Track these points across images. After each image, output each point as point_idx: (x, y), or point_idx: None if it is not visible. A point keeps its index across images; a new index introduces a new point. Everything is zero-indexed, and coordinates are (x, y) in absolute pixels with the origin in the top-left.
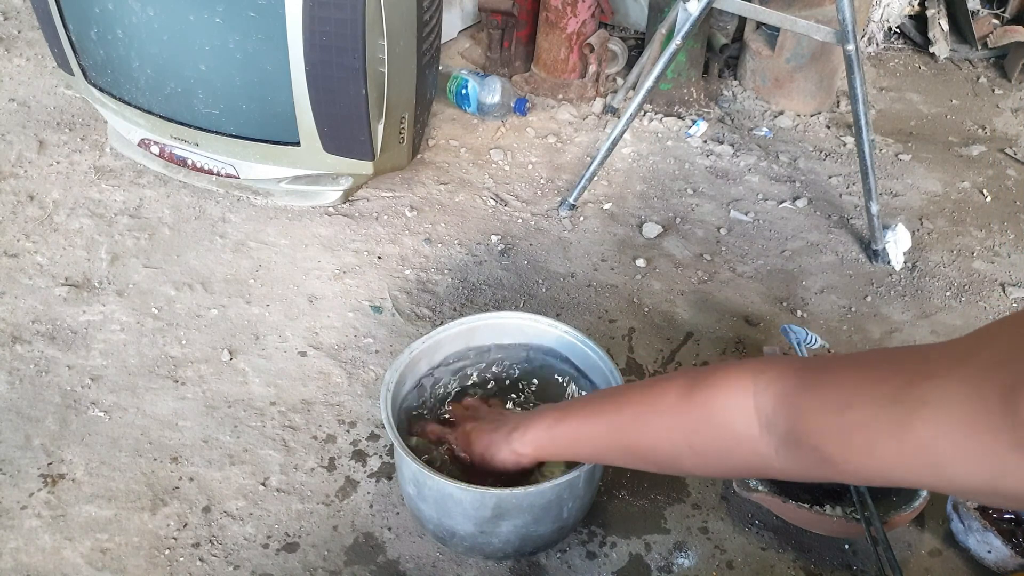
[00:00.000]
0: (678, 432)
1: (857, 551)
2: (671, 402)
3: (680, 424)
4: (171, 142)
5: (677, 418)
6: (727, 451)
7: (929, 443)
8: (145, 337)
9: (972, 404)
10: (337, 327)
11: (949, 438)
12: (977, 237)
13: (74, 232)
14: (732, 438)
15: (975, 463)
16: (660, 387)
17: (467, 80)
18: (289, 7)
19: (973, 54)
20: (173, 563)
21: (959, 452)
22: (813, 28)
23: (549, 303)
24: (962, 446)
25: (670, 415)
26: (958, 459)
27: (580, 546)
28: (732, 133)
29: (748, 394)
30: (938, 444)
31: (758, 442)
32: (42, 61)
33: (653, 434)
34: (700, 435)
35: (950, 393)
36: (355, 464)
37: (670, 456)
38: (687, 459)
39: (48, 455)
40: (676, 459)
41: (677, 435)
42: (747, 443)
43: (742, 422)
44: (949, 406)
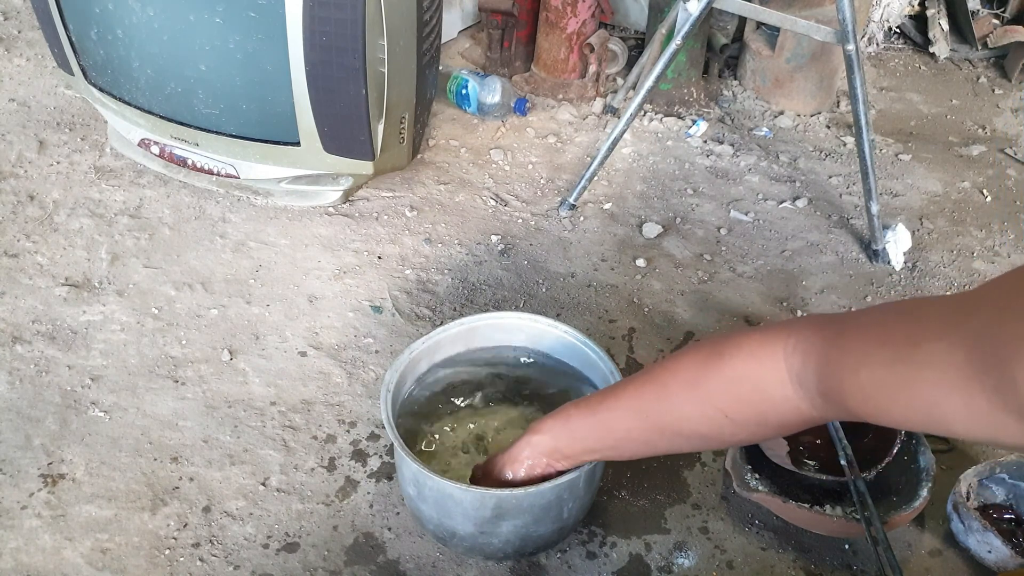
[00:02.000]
0: (710, 403)
1: (857, 551)
2: (694, 375)
3: (712, 395)
4: (171, 142)
5: (707, 389)
6: (765, 413)
7: (933, 403)
8: (145, 337)
9: (969, 368)
10: (337, 327)
11: (950, 400)
12: (977, 237)
13: (74, 232)
14: (769, 401)
15: (976, 422)
16: (678, 363)
17: (467, 80)
18: (289, 7)
19: (973, 54)
20: (173, 563)
21: (960, 412)
22: (813, 28)
23: (549, 303)
24: (963, 407)
25: (699, 388)
26: (960, 417)
27: (580, 546)
28: (732, 133)
29: (779, 357)
30: (941, 404)
31: (794, 400)
32: (42, 61)
33: (683, 409)
34: (737, 402)
35: (949, 356)
36: (355, 464)
37: (707, 428)
38: (726, 428)
39: (48, 455)
40: (714, 430)
41: (709, 407)
42: (784, 403)
43: (777, 384)
44: (948, 370)
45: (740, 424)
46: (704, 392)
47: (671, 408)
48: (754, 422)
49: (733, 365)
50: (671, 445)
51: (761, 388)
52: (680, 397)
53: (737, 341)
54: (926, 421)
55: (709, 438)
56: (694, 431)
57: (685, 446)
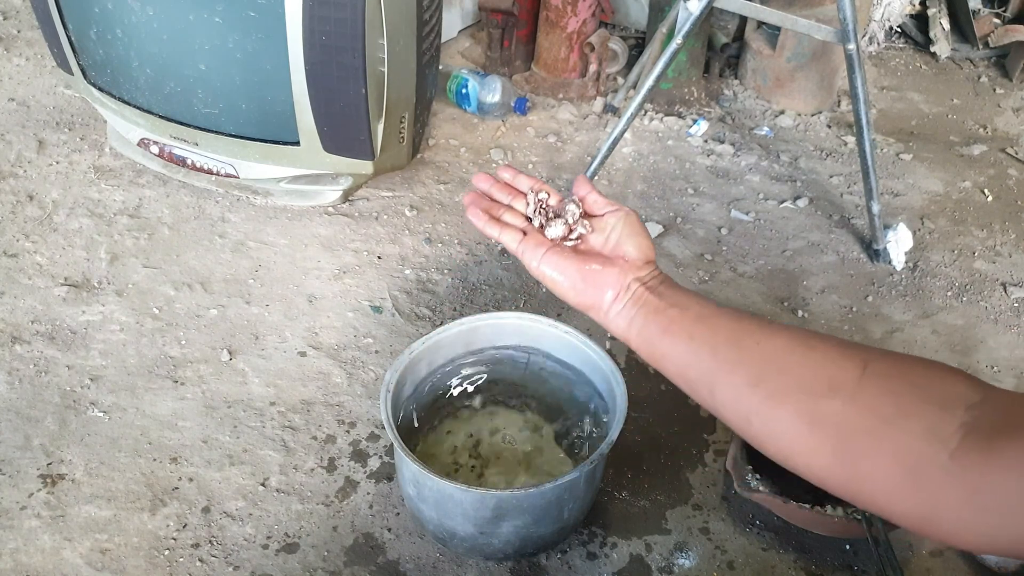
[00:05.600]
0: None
1: (858, 551)
2: (848, 383)
3: (845, 423)
4: (170, 142)
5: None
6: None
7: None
8: (144, 337)
9: None
10: (337, 327)
11: None
12: (978, 237)
13: (73, 232)
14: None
15: None
16: (830, 355)
17: (467, 79)
18: (289, 7)
19: (974, 53)
20: (173, 563)
21: None
22: (814, 27)
23: (549, 303)
24: None
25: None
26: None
27: (580, 547)
28: (733, 132)
29: (959, 411)
30: None
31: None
32: (41, 61)
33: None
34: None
35: None
36: (355, 464)
37: (801, 451)
38: (820, 455)
39: (47, 455)
40: (803, 456)
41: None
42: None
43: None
44: None
45: (848, 461)
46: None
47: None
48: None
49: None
50: (730, 415)
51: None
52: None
53: (923, 370)
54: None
55: (786, 454)
56: (782, 442)
57: (738, 424)
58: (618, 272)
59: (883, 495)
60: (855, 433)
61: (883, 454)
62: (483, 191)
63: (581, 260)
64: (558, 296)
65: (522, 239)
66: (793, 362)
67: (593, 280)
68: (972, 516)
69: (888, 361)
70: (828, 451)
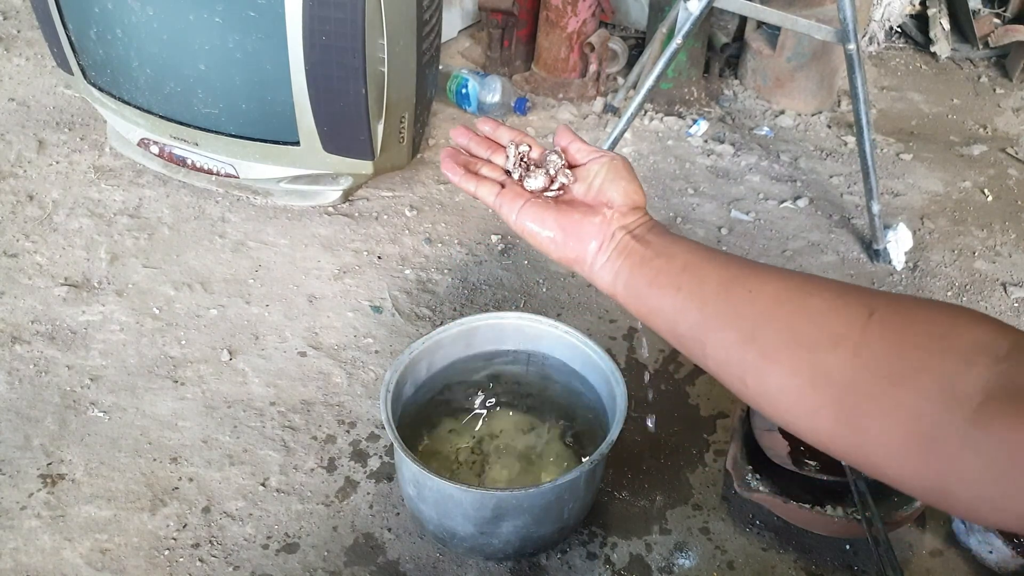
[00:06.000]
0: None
1: (858, 551)
2: (857, 324)
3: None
4: (171, 142)
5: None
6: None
7: None
8: (144, 337)
9: None
10: (337, 327)
11: None
12: (978, 237)
13: (73, 232)
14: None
15: None
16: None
17: (467, 79)
18: (289, 7)
19: (974, 53)
20: (173, 564)
21: None
22: (814, 27)
23: (549, 303)
24: None
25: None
26: None
27: (581, 547)
28: (733, 132)
29: (981, 365)
30: None
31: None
32: (41, 61)
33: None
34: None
35: None
36: (355, 464)
37: (796, 404)
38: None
39: (47, 455)
40: (800, 412)
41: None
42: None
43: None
44: None
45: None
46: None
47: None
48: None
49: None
50: (718, 370)
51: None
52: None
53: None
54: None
55: (781, 408)
56: (780, 397)
57: (730, 381)
58: (601, 220)
59: (892, 464)
60: (860, 393)
61: (891, 417)
62: (461, 146)
63: (562, 211)
64: (540, 251)
65: (500, 192)
66: (789, 313)
67: (575, 231)
68: (996, 490)
69: (898, 307)
70: (831, 413)
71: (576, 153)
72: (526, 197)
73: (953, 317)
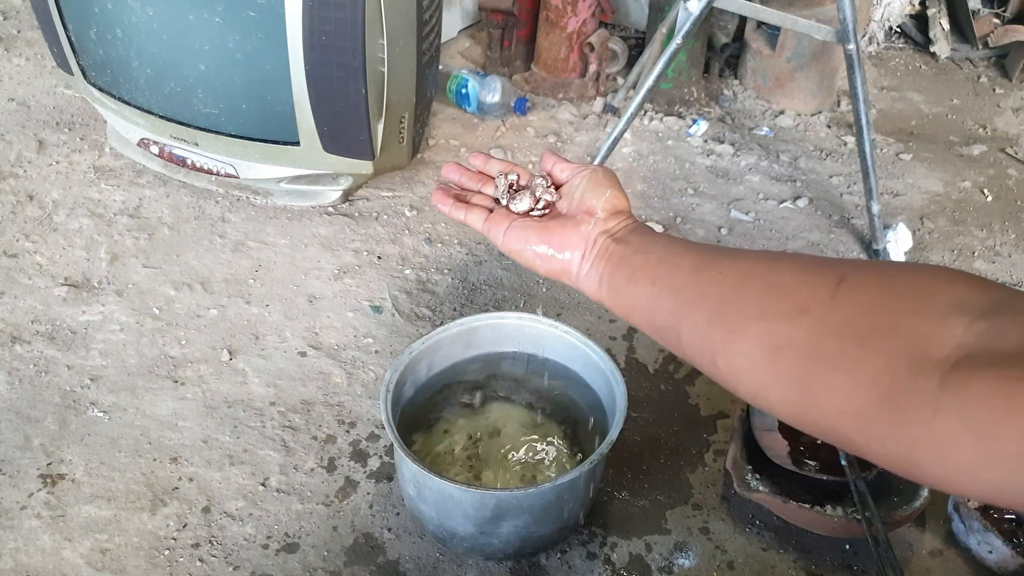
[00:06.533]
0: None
1: (858, 551)
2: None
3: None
4: (170, 142)
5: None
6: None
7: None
8: (144, 337)
9: None
10: (337, 327)
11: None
12: (978, 237)
13: (73, 232)
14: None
15: None
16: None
17: (467, 79)
18: (289, 7)
19: (974, 53)
20: (173, 563)
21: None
22: (814, 27)
23: (549, 303)
24: None
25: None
26: None
27: (581, 547)
28: (733, 132)
29: (957, 324)
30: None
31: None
32: (41, 61)
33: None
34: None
35: None
36: (355, 464)
37: (754, 374)
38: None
39: (48, 455)
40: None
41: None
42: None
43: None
44: None
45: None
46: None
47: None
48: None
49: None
50: (687, 352)
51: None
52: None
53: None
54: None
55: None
56: (738, 367)
57: (697, 360)
58: (583, 230)
59: (856, 430)
60: (823, 358)
61: (854, 380)
62: (453, 182)
63: (546, 227)
64: (529, 268)
65: (488, 217)
66: (758, 288)
67: (559, 244)
68: (969, 459)
69: (870, 271)
70: (795, 383)
71: (560, 173)
72: (512, 219)
73: (932, 276)
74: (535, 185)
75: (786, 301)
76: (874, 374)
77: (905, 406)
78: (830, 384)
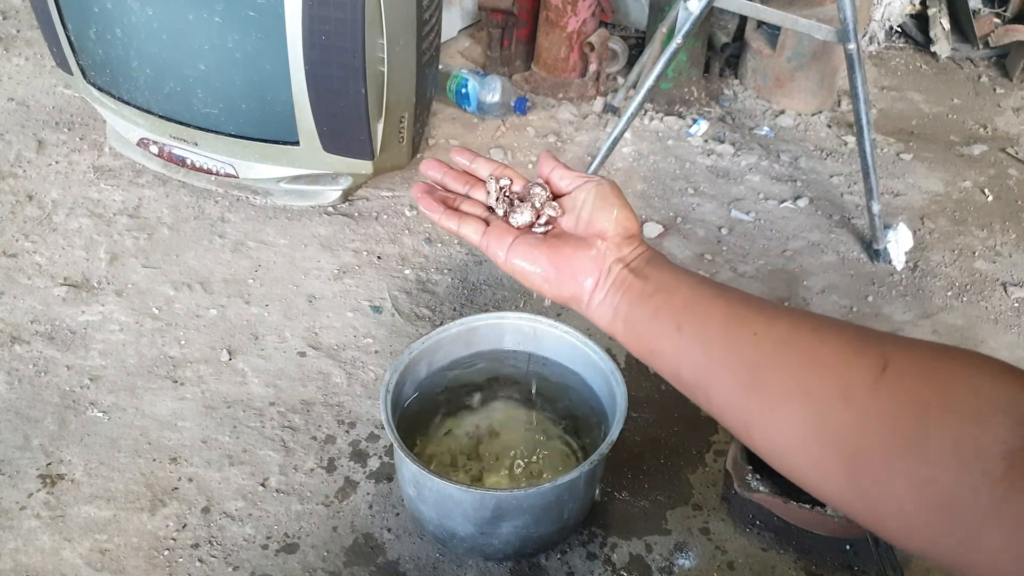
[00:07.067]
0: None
1: (858, 551)
2: (863, 382)
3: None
4: (170, 141)
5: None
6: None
7: None
8: (144, 337)
9: None
10: (337, 327)
11: None
12: (979, 237)
13: (73, 232)
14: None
15: None
16: (841, 354)
17: (467, 79)
18: (288, 6)
19: (974, 53)
20: (172, 564)
21: None
22: (814, 27)
23: (550, 303)
24: None
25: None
26: None
27: (581, 547)
28: (733, 132)
29: (1002, 426)
30: None
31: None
32: (41, 60)
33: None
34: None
35: None
36: (355, 465)
37: (800, 457)
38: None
39: (47, 455)
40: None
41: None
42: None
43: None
44: None
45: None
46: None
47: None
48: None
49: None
50: (712, 406)
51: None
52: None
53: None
54: None
55: (784, 456)
56: (778, 442)
57: (727, 421)
58: (595, 254)
59: (908, 534)
60: (870, 456)
61: (903, 484)
62: (435, 180)
63: (553, 247)
64: (534, 290)
65: (486, 231)
66: (797, 360)
67: (569, 268)
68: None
69: (912, 358)
70: (841, 476)
71: (560, 181)
72: (514, 234)
73: (971, 369)
74: (533, 195)
75: (828, 381)
76: (922, 479)
77: (956, 512)
78: (879, 485)
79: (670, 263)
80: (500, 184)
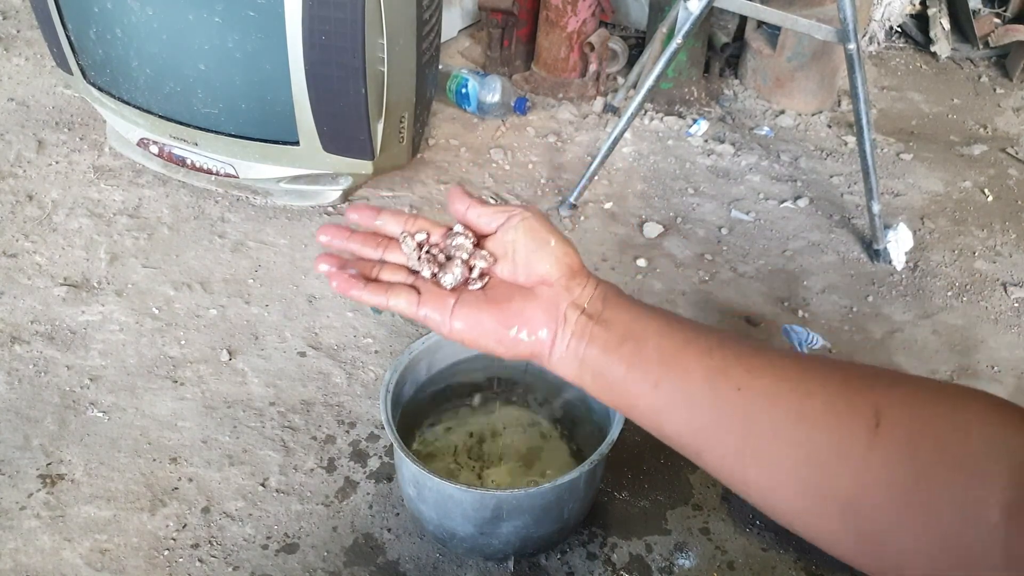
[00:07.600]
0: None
1: None
2: (864, 440)
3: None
4: (170, 141)
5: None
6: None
7: None
8: (144, 337)
9: None
10: (336, 327)
11: None
12: (979, 237)
13: (73, 232)
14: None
15: None
16: (841, 404)
17: (467, 79)
18: (288, 6)
19: (974, 53)
20: (172, 564)
21: None
22: (814, 27)
23: None
24: None
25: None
26: None
27: (581, 547)
28: (733, 132)
29: (999, 476)
30: None
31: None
32: (41, 60)
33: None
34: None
35: None
36: (355, 465)
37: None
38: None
39: (47, 455)
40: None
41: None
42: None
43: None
44: None
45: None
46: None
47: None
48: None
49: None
50: (720, 471)
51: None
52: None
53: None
54: None
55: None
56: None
57: (749, 495)
58: (545, 304)
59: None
60: (875, 515)
61: (914, 539)
62: (338, 250)
63: (497, 304)
64: (487, 354)
65: (420, 300)
66: (786, 417)
67: (520, 323)
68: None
69: (904, 406)
70: (850, 536)
71: (479, 220)
72: (452, 296)
73: (965, 415)
74: (456, 246)
75: (822, 440)
76: (930, 540)
77: (972, 561)
78: (890, 543)
79: (626, 298)
80: (417, 241)
